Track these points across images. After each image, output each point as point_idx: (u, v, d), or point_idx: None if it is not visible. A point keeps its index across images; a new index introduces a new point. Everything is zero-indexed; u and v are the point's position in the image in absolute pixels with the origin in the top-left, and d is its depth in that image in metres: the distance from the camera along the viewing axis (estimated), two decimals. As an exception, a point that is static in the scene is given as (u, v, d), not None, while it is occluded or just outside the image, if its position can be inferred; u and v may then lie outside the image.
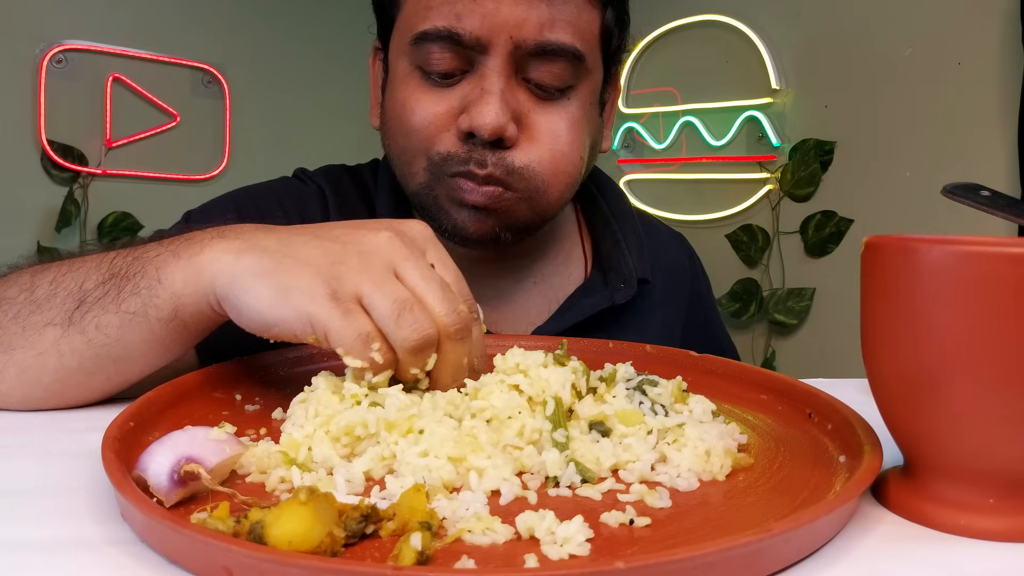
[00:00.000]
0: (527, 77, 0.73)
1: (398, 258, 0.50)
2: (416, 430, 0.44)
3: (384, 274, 0.49)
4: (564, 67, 0.73)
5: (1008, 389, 0.37)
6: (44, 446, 0.50)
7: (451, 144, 0.73)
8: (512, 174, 0.73)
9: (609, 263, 0.87)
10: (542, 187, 0.75)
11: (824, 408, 0.51)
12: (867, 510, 0.41)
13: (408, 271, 0.49)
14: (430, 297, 0.49)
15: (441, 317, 0.49)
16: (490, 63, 0.71)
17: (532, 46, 0.71)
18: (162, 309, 0.53)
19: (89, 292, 0.55)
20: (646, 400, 0.51)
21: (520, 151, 0.73)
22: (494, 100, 0.70)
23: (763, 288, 2.56)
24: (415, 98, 0.74)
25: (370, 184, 0.88)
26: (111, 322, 0.53)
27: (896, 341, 0.39)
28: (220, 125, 2.73)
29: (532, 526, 0.35)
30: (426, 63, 0.73)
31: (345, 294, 0.47)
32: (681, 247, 1.03)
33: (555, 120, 0.74)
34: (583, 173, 0.79)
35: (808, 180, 2.44)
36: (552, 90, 0.74)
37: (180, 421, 0.49)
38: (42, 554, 0.34)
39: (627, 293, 0.83)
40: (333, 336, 0.47)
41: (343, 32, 2.99)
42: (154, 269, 0.53)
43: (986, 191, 0.67)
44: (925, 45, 2.22)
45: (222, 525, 0.33)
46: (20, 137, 2.36)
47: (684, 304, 0.96)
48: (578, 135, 0.76)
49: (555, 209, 0.78)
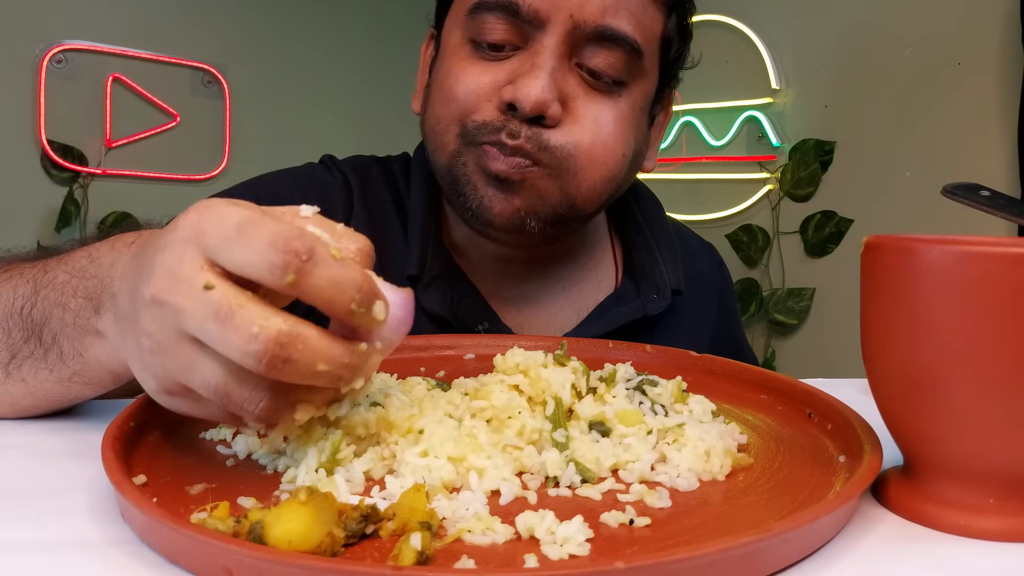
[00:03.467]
0: (581, 63, 0.71)
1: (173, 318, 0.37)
2: (416, 430, 0.44)
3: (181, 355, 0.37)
4: (620, 58, 0.71)
5: (1008, 389, 0.37)
6: (44, 446, 0.50)
7: (489, 114, 0.70)
8: (544, 150, 0.70)
9: (642, 271, 0.85)
10: (575, 169, 0.71)
11: (824, 408, 0.51)
12: (867, 510, 0.41)
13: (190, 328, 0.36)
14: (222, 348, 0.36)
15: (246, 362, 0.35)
16: (545, 40, 0.69)
17: (591, 29, 0.69)
18: (98, 376, 0.50)
19: (18, 347, 0.51)
20: (646, 400, 0.51)
21: (559, 132, 0.70)
22: (543, 74, 0.68)
23: (763, 288, 2.56)
24: (461, 67, 0.72)
25: (399, 177, 0.86)
26: (48, 378, 0.51)
27: (896, 341, 0.39)
28: (220, 125, 2.73)
29: (532, 526, 0.35)
30: (479, 33, 0.71)
31: (173, 389, 0.39)
32: (711, 258, 1.01)
33: (603, 110, 0.72)
34: (623, 174, 0.76)
35: (808, 180, 2.44)
36: (606, 80, 0.71)
37: (180, 421, 0.49)
38: (42, 554, 0.34)
39: (660, 304, 0.82)
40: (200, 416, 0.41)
41: (343, 32, 2.99)
42: (69, 344, 0.49)
43: (986, 191, 0.67)
44: (925, 45, 2.22)
45: (222, 525, 0.33)
46: (20, 137, 2.36)
47: (713, 315, 0.94)
48: (624, 131, 0.73)
49: (586, 200, 0.74)
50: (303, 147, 2.82)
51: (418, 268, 0.77)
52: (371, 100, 3.01)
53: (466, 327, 0.77)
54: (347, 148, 1.00)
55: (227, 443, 0.46)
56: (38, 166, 2.40)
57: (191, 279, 0.36)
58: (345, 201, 0.82)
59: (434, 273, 0.78)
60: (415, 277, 0.77)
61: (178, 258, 0.37)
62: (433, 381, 0.54)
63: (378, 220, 0.81)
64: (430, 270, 0.77)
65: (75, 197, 2.43)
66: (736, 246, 2.59)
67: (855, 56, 2.35)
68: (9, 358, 0.52)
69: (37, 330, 0.50)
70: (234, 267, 0.36)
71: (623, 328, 0.81)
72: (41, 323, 0.50)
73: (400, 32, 3.05)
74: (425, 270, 0.77)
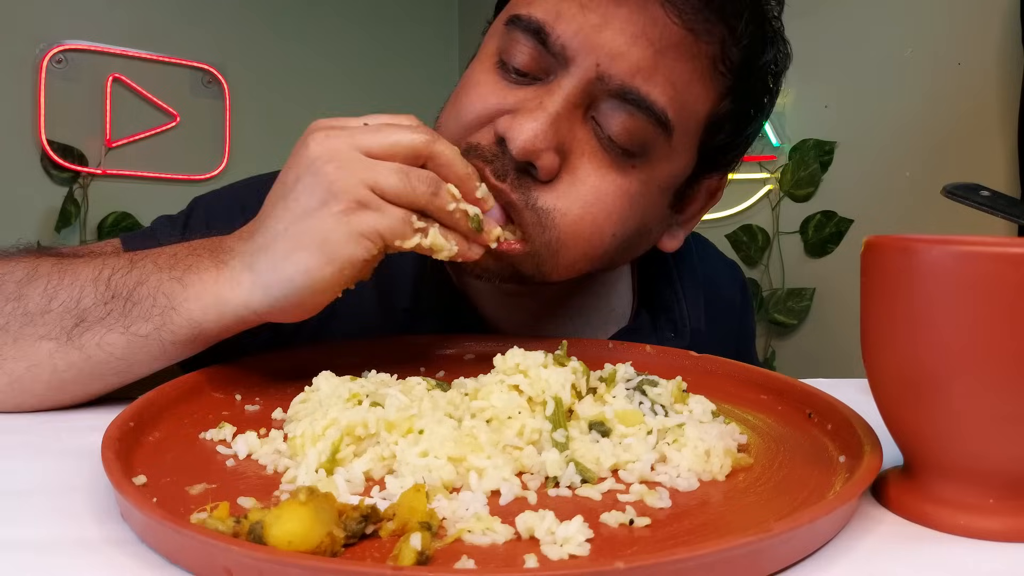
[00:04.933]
0: (597, 119, 0.62)
1: (344, 138, 0.53)
2: (416, 430, 0.44)
3: (358, 160, 0.52)
4: (643, 127, 0.61)
5: (1008, 389, 0.37)
6: (44, 446, 0.50)
7: (485, 138, 0.63)
8: (529, 209, 0.61)
9: (660, 304, 0.79)
10: (555, 245, 0.63)
11: (824, 408, 0.51)
12: (867, 510, 0.41)
13: (361, 141, 0.53)
14: (389, 143, 0.53)
15: (409, 151, 0.54)
16: (563, 81, 0.60)
17: (616, 86, 0.60)
18: (178, 334, 0.55)
19: (88, 311, 0.55)
20: (646, 400, 0.51)
21: (550, 193, 0.62)
22: (544, 117, 0.59)
23: (763, 288, 2.56)
24: (479, 81, 0.65)
25: None
26: (116, 342, 0.54)
27: (896, 341, 0.39)
28: (220, 125, 2.73)
29: (532, 526, 0.35)
30: (507, 51, 0.63)
31: (363, 195, 0.51)
32: (734, 280, 0.94)
33: (604, 179, 0.62)
34: (611, 252, 0.67)
35: (808, 180, 2.43)
36: (617, 148, 0.62)
37: (180, 421, 0.49)
38: (42, 554, 0.34)
39: (677, 344, 0.74)
40: (387, 235, 0.52)
41: (343, 32, 2.99)
42: (164, 297, 0.55)
43: (986, 191, 0.67)
44: (925, 45, 2.22)
45: (222, 525, 0.33)
46: (20, 137, 2.36)
47: (731, 342, 0.88)
48: (623, 209, 0.64)
49: (561, 274, 0.66)
50: (303, 147, 2.82)
51: (411, 299, 0.74)
52: (371, 100, 3.00)
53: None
54: (347, 148, 1.00)
55: (227, 443, 0.46)
56: (38, 166, 2.40)
57: (347, 126, 0.54)
58: None
59: (430, 303, 0.74)
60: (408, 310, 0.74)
61: (325, 136, 0.54)
62: (433, 381, 0.54)
63: None
64: (425, 300, 0.74)
65: (75, 197, 2.43)
66: (736, 246, 2.59)
67: (855, 56, 2.35)
68: (74, 324, 0.55)
69: (123, 294, 0.55)
70: (378, 148, 0.53)
71: None
72: (134, 284, 0.55)
73: (399, 33, 3.05)
74: (420, 299, 0.74)
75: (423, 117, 0.64)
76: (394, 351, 0.66)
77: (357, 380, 0.51)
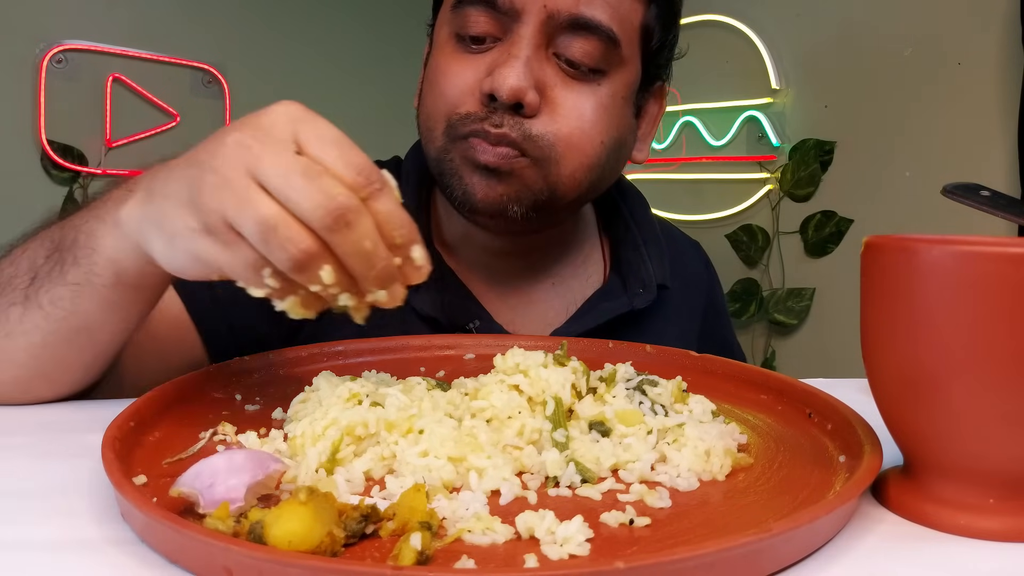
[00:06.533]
0: (558, 53, 0.73)
1: (251, 161, 0.43)
2: (416, 430, 0.44)
3: (242, 190, 0.42)
4: (596, 46, 0.72)
5: (1007, 389, 0.37)
6: (44, 446, 0.50)
7: (472, 106, 0.73)
8: (527, 139, 0.72)
9: (629, 268, 0.86)
10: (556, 158, 0.73)
11: (824, 408, 0.51)
12: (867, 510, 0.41)
13: (265, 172, 0.42)
14: (294, 195, 0.41)
15: (310, 214, 0.41)
16: (521, 31, 0.71)
17: (566, 18, 0.71)
18: (103, 276, 0.53)
19: (39, 267, 0.56)
20: (646, 400, 0.51)
21: (539, 121, 0.72)
22: (518, 64, 0.70)
23: (763, 288, 2.56)
24: (447, 62, 0.75)
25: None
26: (62, 295, 0.54)
27: (896, 341, 0.39)
28: (220, 125, 2.71)
29: (532, 526, 0.35)
30: (462, 27, 0.74)
31: (215, 224, 0.43)
32: (698, 256, 1.03)
33: (580, 98, 0.73)
34: (603, 160, 0.77)
35: (808, 180, 2.43)
36: (582, 69, 0.73)
37: (180, 421, 0.49)
38: (42, 554, 0.34)
39: (647, 298, 0.83)
40: (227, 272, 0.45)
41: (343, 32, 2.99)
42: (85, 237, 0.54)
43: (986, 191, 0.67)
44: (925, 45, 2.22)
45: (222, 525, 0.33)
46: (20, 137, 2.36)
47: (700, 313, 0.96)
48: (602, 119, 0.75)
49: (567, 188, 0.76)
50: (303, 147, 2.82)
51: None
52: (370, 100, 3.00)
53: (457, 326, 0.78)
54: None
55: (227, 443, 0.46)
56: (38, 166, 2.40)
57: (283, 140, 0.43)
58: None
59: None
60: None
61: (271, 123, 0.44)
62: (433, 381, 0.54)
63: None
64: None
65: (75, 197, 2.43)
66: (736, 246, 2.59)
67: (855, 56, 2.35)
68: (30, 280, 0.55)
69: (59, 244, 0.55)
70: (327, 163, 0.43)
71: (610, 323, 0.82)
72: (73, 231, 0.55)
73: (399, 32, 3.05)
74: None
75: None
76: (394, 351, 0.66)
77: (357, 380, 0.51)
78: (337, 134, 0.45)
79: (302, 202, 0.41)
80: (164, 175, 0.49)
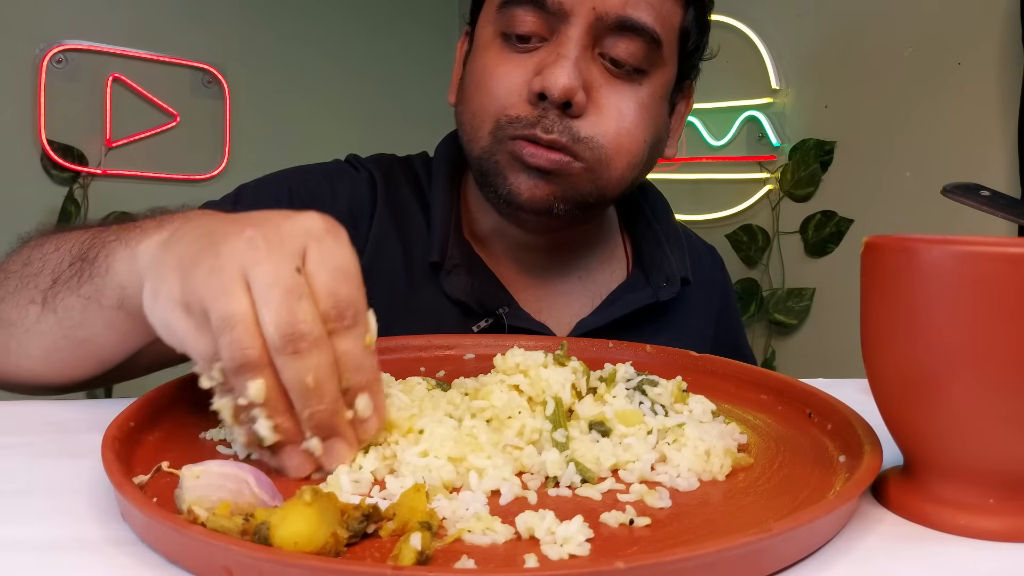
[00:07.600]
0: (603, 53, 0.75)
1: (250, 262, 0.42)
2: (416, 430, 0.44)
3: (228, 283, 0.41)
4: (640, 47, 0.75)
5: (1007, 389, 0.37)
6: (44, 446, 0.50)
7: (522, 108, 0.74)
8: (579, 143, 0.74)
9: (652, 262, 0.89)
10: (606, 160, 0.76)
11: (824, 408, 0.51)
12: (867, 510, 0.41)
13: (256, 276, 0.41)
14: (264, 308, 0.40)
15: (268, 327, 0.40)
16: (569, 31, 0.73)
17: (613, 20, 0.73)
18: (109, 297, 0.54)
19: (62, 272, 0.57)
20: (646, 400, 0.51)
21: (587, 122, 0.74)
22: (568, 64, 0.72)
23: (763, 288, 2.56)
24: (494, 63, 0.77)
25: (421, 172, 0.90)
26: (74, 305, 0.56)
27: (896, 341, 0.39)
28: (220, 125, 2.73)
29: (532, 526, 0.35)
30: (509, 26, 0.75)
31: (194, 306, 0.42)
32: (713, 260, 1.05)
33: (624, 98, 0.76)
34: (645, 158, 0.80)
35: (808, 180, 2.43)
36: (626, 68, 0.75)
37: (180, 421, 0.49)
38: (42, 554, 0.34)
39: (671, 291, 0.86)
40: (188, 350, 0.43)
41: (343, 32, 2.98)
42: (105, 255, 0.54)
43: (986, 191, 0.67)
44: (925, 45, 2.22)
45: (229, 524, 0.33)
46: (20, 137, 2.36)
47: (715, 316, 0.98)
48: (645, 119, 0.77)
49: (615, 187, 0.79)
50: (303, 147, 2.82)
51: (440, 255, 0.81)
52: (371, 100, 3.00)
53: (487, 311, 0.80)
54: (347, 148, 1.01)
55: (227, 443, 0.46)
56: (38, 166, 2.40)
57: (290, 253, 0.42)
58: (370, 195, 0.86)
59: (456, 261, 0.81)
60: (437, 264, 0.81)
61: (289, 232, 0.43)
62: (433, 381, 0.54)
63: (401, 212, 0.86)
64: (451, 258, 0.81)
65: (75, 197, 2.43)
66: (736, 246, 2.59)
67: (855, 56, 2.35)
68: (51, 282, 0.57)
69: (85, 255, 0.56)
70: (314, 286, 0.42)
71: (635, 314, 0.84)
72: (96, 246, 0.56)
73: (399, 32, 3.05)
74: (447, 257, 0.81)
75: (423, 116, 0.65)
76: (394, 351, 0.66)
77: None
78: (342, 262, 0.43)
79: (267, 314, 0.40)
80: (187, 230, 0.48)
